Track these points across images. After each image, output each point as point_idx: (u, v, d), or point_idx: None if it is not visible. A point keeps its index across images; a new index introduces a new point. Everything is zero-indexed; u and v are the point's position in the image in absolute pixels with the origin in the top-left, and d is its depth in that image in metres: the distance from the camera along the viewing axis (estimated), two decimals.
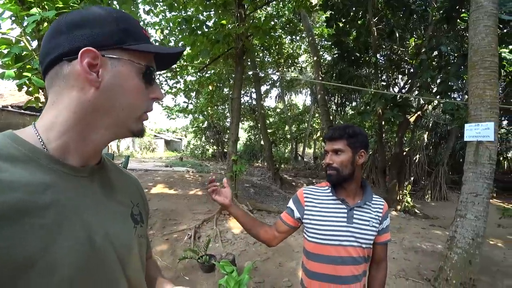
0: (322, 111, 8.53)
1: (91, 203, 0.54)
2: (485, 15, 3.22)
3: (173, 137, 26.82)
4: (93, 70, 0.51)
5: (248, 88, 15.37)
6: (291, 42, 11.28)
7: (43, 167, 0.49)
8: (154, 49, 0.58)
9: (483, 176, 3.13)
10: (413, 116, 6.77)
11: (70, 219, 0.49)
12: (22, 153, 0.48)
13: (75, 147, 0.54)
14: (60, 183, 0.50)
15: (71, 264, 0.47)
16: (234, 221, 5.30)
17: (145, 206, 0.75)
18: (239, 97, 6.33)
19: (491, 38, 3.23)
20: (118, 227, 0.59)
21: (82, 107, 0.52)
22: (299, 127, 18.91)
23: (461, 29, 6.28)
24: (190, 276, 3.40)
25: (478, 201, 3.13)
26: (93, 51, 0.50)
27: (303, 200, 1.32)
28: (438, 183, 8.68)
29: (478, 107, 3.24)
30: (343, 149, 1.24)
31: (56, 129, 0.52)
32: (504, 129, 12.56)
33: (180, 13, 6.54)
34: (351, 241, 1.21)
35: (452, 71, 5.15)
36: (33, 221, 0.44)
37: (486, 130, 3.14)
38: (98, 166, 0.61)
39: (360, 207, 1.26)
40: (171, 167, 12.58)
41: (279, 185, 9.22)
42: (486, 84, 3.20)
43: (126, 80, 0.54)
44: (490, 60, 3.21)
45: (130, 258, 0.59)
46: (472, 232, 3.11)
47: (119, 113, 0.55)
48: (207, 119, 17.19)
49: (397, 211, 7.00)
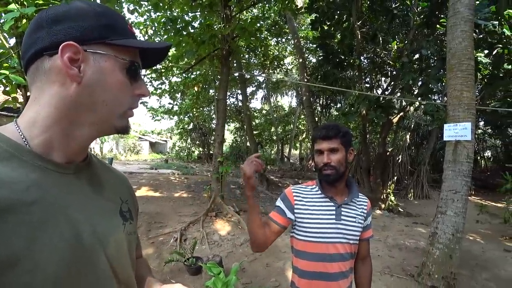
0: (308, 113, 8.64)
1: (78, 200, 0.53)
2: (462, 20, 3.35)
3: (158, 139, 26.40)
4: (75, 65, 0.50)
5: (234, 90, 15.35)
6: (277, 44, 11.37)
7: (26, 164, 0.48)
8: (139, 44, 0.58)
9: (462, 174, 3.26)
10: (396, 117, 6.97)
11: (55, 217, 0.48)
12: (3, 150, 0.47)
13: (59, 144, 0.52)
14: (44, 180, 0.49)
15: (56, 262, 0.46)
16: (220, 223, 5.26)
17: (134, 204, 0.73)
18: (224, 98, 6.31)
19: (467, 43, 3.37)
20: (107, 224, 0.57)
21: (64, 103, 0.51)
22: (285, 128, 19.05)
23: (440, 34, 6.53)
24: (177, 279, 3.35)
25: (457, 198, 3.26)
26: (75, 45, 0.49)
27: (292, 198, 1.30)
28: (420, 182, 8.96)
29: (456, 108, 3.37)
30: (338, 147, 1.24)
31: (38, 125, 0.51)
32: (481, 129, 13.14)
33: (166, 13, 6.46)
34: (340, 238, 1.24)
35: (432, 74, 5.35)
36: (17, 219, 0.43)
37: (464, 130, 3.27)
38: (84, 163, 0.60)
39: (347, 204, 1.28)
40: (156, 170, 12.38)
41: (266, 186, 9.24)
42: (463, 86, 3.33)
43: (109, 75, 0.53)
44: (467, 63, 3.35)
45: (119, 255, 0.58)
46: (452, 227, 3.22)
47: (102, 109, 0.54)
48: (193, 121, 17.03)
49: (381, 210, 7.16)
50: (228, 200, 6.33)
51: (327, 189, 1.30)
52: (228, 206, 5.82)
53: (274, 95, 20.76)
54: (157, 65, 0.88)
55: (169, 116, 15.71)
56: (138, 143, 23.04)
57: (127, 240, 0.62)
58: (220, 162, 6.02)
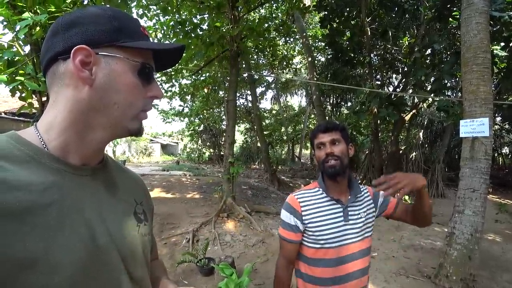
0: (318, 112, 8.55)
1: (93, 202, 0.55)
2: (477, 12, 3.25)
3: (169, 141, 26.69)
4: (86, 68, 0.51)
5: (243, 90, 15.37)
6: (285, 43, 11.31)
7: (45, 166, 0.50)
8: (150, 45, 0.57)
9: (480, 171, 3.15)
10: (408, 114, 6.81)
11: (72, 218, 0.49)
12: (24, 153, 0.49)
13: (75, 146, 0.54)
14: (62, 182, 0.50)
15: (73, 263, 0.47)
16: (232, 224, 5.27)
17: (149, 205, 0.74)
18: (234, 99, 6.32)
19: (483, 35, 3.26)
20: (121, 226, 0.58)
21: (78, 106, 0.52)
22: (295, 128, 18.93)
23: (453, 27, 6.35)
24: (189, 280, 3.36)
25: (475, 196, 3.15)
26: (86, 48, 0.50)
27: (299, 207, 1.23)
28: (435, 180, 8.71)
29: (473, 103, 3.26)
30: (339, 139, 1.23)
31: (55, 129, 0.52)
32: (498, 125, 12.70)
33: (174, 16, 6.53)
34: (351, 238, 1.21)
35: (445, 69, 5.20)
36: (35, 220, 0.44)
37: (481, 125, 3.17)
38: (100, 165, 0.61)
39: (353, 203, 1.25)
40: (167, 171, 12.51)
41: (277, 186, 9.20)
42: (479, 80, 3.22)
43: (120, 77, 0.53)
44: (482, 56, 3.24)
45: (133, 256, 0.59)
46: (471, 227, 3.12)
47: (114, 111, 0.54)
48: (203, 122, 17.14)
49: None
50: (239, 201, 6.33)
51: (332, 189, 1.25)
52: (240, 207, 5.81)
53: (284, 95, 20.69)
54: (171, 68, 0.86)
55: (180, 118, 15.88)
56: (150, 145, 23.34)
57: (142, 241, 0.62)
58: (231, 163, 6.02)
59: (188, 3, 6.27)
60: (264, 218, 5.89)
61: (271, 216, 6.06)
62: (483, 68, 3.23)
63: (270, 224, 5.47)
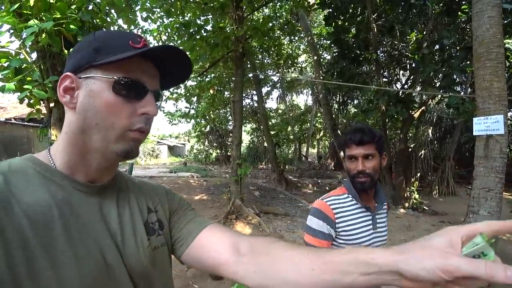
0: (325, 110, 8.48)
1: (102, 218, 0.55)
2: (489, 5, 3.15)
3: (176, 142, 26.86)
4: (69, 93, 0.54)
5: (249, 91, 15.35)
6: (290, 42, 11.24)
7: (54, 183, 0.52)
8: (123, 55, 0.51)
9: (495, 170, 3.06)
10: (417, 111, 6.69)
11: (79, 234, 0.50)
12: (36, 171, 0.52)
13: (79, 166, 0.56)
14: (70, 198, 0.52)
15: (81, 279, 0.47)
16: (241, 225, 5.25)
17: (169, 208, 0.70)
18: (240, 99, 6.30)
19: (496, 29, 3.16)
20: (130, 241, 0.58)
21: (70, 130, 0.55)
22: (301, 127, 18.82)
23: (462, 22, 6.20)
24: (200, 283, 3.35)
25: (490, 196, 3.06)
26: (68, 75, 0.53)
27: (332, 214, 1.19)
28: (445, 178, 8.55)
29: (486, 100, 3.16)
30: (373, 153, 1.18)
31: (60, 150, 0.56)
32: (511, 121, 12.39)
33: (178, 18, 6.53)
34: (377, 245, 1.23)
35: (455, 64, 5.07)
36: (42, 236, 0.46)
37: (496, 123, 3.07)
38: (109, 182, 0.61)
39: (379, 211, 1.27)
40: (175, 173, 12.58)
41: (285, 186, 9.15)
42: (493, 76, 3.13)
43: (96, 96, 0.52)
44: (496, 51, 3.14)
45: (142, 273, 0.58)
46: None
47: (97, 133, 0.53)
48: (209, 123, 17.19)
49: (405, 209, 6.89)
50: (247, 202, 6.31)
51: (361, 197, 1.24)
52: (248, 208, 5.79)
53: (290, 94, 20.59)
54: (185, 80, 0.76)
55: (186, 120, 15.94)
56: (157, 147, 23.50)
57: (152, 256, 0.60)
58: (239, 164, 6.01)
59: (192, 4, 6.27)
60: (273, 220, 5.86)
61: (279, 217, 6.02)
62: (496, 63, 3.13)
63: (279, 226, 5.43)
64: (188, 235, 0.66)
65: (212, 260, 0.61)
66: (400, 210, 6.91)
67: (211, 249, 0.62)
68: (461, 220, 6.12)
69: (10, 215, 0.44)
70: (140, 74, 0.55)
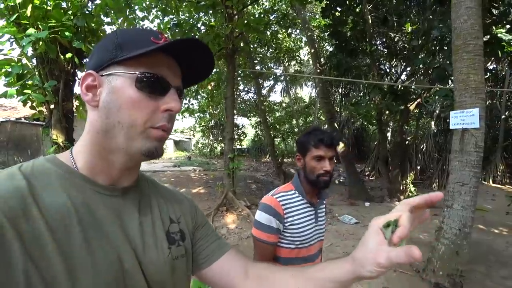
0: (322, 103, 8.45)
1: (122, 223, 0.54)
2: None
3: (182, 137, 27.17)
4: (92, 91, 0.53)
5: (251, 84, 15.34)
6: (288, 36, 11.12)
7: (75, 186, 0.51)
8: (144, 50, 0.51)
9: (470, 164, 3.04)
10: (413, 104, 6.58)
11: (97, 239, 0.49)
12: (57, 173, 0.51)
13: (101, 167, 0.54)
14: (90, 202, 0.51)
15: (97, 285, 0.46)
16: (230, 217, 5.39)
17: (191, 221, 0.70)
18: (232, 95, 6.36)
19: (474, 20, 3.10)
20: (149, 249, 0.56)
21: (93, 129, 0.54)
22: (306, 120, 18.72)
23: None
24: None
25: (464, 190, 3.05)
26: (90, 73, 0.52)
27: (281, 210, 1.25)
28: (446, 170, 8.40)
29: (463, 93, 3.13)
30: (335, 155, 1.28)
31: (82, 151, 0.55)
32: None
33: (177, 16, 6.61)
34: (318, 237, 1.32)
35: (446, 55, 4.96)
36: (59, 242, 0.44)
37: (471, 116, 3.04)
38: (132, 185, 0.60)
39: (320, 205, 1.36)
40: (178, 167, 12.81)
41: (283, 179, 9.22)
42: (470, 69, 3.08)
43: (119, 93, 0.51)
44: (473, 43, 3.08)
45: (160, 282, 0.57)
46: (459, 222, 3.03)
47: (120, 131, 0.52)
48: (213, 118, 17.32)
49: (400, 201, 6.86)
50: (240, 195, 6.44)
51: (308, 193, 1.31)
52: (240, 201, 5.92)
53: (294, 87, 20.44)
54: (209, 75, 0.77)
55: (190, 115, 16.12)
56: None
57: (171, 266, 0.59)
58: (231, 159, 6.11)
59: (186, 3, 6.33)
60: None
61: None
62: (473, 55, 3.08)
63: None
64: (212, 255, 0.69)
65: (225, 283, 0.67)
66: (395, 203, 6.89)
67: (228, 273, 0.67)
68: None
69: (29, 220, 0.43)
70: (163, 70, 0.54)
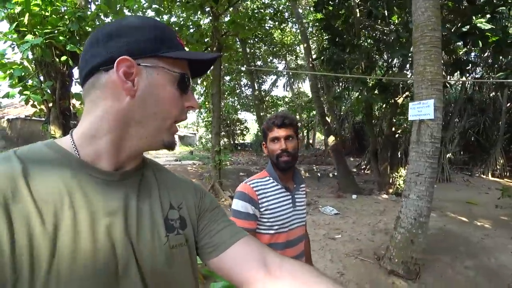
0: (314, 98, 8.49)
1: (118, 209, 0.52)
2: None
3: (186, 132, 27.54)
4: (129, 79, 0.51)
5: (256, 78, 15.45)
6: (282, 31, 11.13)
7: (72, 171, 0.50)
8: (189, 55, 0.58)
9: (425, 155, 3.10)
10: (400, 97, 6.55)
11: (91, 225, 0.47)
12: (55, 158, 0.50)
13: (108, 154, 0.53)
14: (85, 186, 0.50)
15: (87, 272, 0.45)
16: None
17: (194, 208, 0.66)
18: (218, 92, 6.53)
19: (430, 12, 3.13)
20: (145, 236, 0.54)
21: (116, 116, 0.52)
22: (309, 114, 18.69)
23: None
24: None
25: (420, 180, 3.11)
26: (129, 60, 0.50)
27: (255, 196, 1.27)
28: (441, 164, 8.31)
29: (420, 84, 3.18)
30: (293, 135, 1.32)
31: (89, 136, 0.53)
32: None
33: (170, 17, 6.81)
34: (297, 223, 1.35)
35: None
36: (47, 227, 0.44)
37: (427, 108, 3.09)
38: (134, 168, 0.59)
39: (297, 192, 1.39)
40: (179, 161, 13.15)
41: None
42: (426, 61, 3.12)
43: (161, 88, 0.53)
44: (430, 35, 3.12)
45: (154, 272, 0.54)
46: (415, 212, 3.10)
47: (152, 122, 0.54)
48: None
49: (388, 194, 6.88)
50: (227, 186, 6.64)
51: (281, 178, 1.35)
52: (225, 191, 6.13)
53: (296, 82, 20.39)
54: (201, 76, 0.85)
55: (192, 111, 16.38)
56: None
57: (169, 254, 0.56)
58: (217, 152, 6.30)
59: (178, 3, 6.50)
60: None
61: None
62: (430, 47, 3.12)
63: None
64: (221, 243, 0.63)
65: (240, 276, 0.60)
66: (382, 195, 6.91)
67: (243, 264, 0.60)
68: (440, 206, 6.05)
69: (19, 201, 0.43)
70: (187, 71, 0.58)
